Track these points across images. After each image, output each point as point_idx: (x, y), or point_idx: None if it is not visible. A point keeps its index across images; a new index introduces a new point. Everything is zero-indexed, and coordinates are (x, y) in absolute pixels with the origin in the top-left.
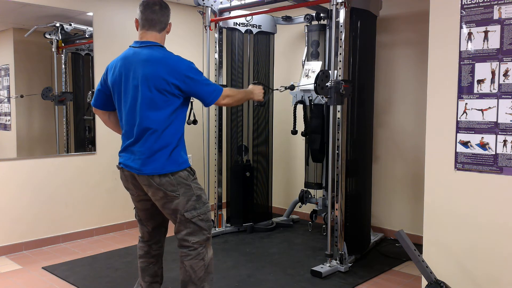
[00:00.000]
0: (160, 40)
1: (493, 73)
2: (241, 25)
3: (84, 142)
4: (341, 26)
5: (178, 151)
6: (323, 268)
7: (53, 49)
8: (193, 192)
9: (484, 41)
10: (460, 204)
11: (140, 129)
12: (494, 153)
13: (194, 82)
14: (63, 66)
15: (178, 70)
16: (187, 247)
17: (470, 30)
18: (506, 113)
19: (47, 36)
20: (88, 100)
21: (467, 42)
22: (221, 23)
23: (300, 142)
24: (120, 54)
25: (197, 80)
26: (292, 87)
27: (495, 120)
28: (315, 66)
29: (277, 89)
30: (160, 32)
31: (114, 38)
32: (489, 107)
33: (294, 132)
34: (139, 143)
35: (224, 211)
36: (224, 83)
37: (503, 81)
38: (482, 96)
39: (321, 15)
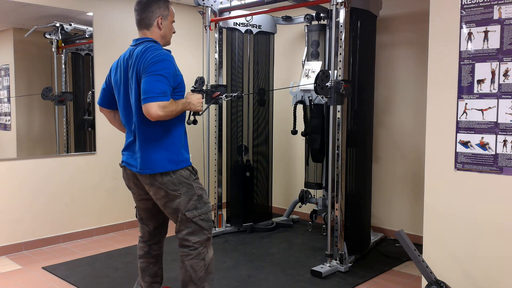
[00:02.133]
0: (155, 37)
1: (493, 73)
2: (241, 25)
3: (84, 142)
4: (341, 26)
5: (179, 149)
6: (323, 268)
7: (53, 49)
8: (195, 191)
9: (484, 41)
10: (460, 204)
11: (140, 127)
12: (494, 153)
13: (146, 73)
14: (63, 66)
15: (145, 60)
16: (187, 246)
17: (470, 30)
18: (506, 113)
19: (47, 36)
20: (88, 100)
21: (467, 42)
22: (221, 23)
23: (300, 142)
24: (121, 54)
25: (150, 72)
26: (239, 96)
27: (495, 120)
28: (315, 66)
29: (220, 98)
30: (148, 29)
31: (114, 38)
32: (489, 107)
33: (294, 132)
34: (139, 141)
35: (224, 211)
36: (224, 83)
37: (503, 81)
38: (482, 96)
39: (321, 15)
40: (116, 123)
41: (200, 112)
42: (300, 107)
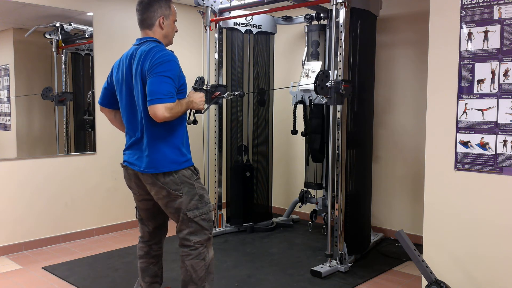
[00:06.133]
0: (158, 37)
1: (493, 73)
2: (241, 25)
3: (84, 142)
4: (341, 26)
5: (182, 149)
6: (323, 268)
7: (53, 49)
8: (196, 191)
9: (484, 41)
10: (460, 204)
11: (148, 126)
12: (494, 153)
13: (152, 73)
14: (63, 66)
15: (150, 60)
16: (188, 246)
17: (470, 30)
18: (506, 113)
19: (47, 36)
20: (88, 100)
21: (467, 42)
22: (221, 23)
23: (300, 142)
24: (124, 53)
25: (156, 73)
26: (242, 94)
27: (495, 120)
28: (315, 66)
29: (223, 97)
30: (150, 29)
31: (114, 38)
32: (489, 107)
33: (294, 132)
34: (147, 140)
35: (224, 211)
36: (224, 83)
37: (503, 81)
38: (482, 96)
39: (321, 15)
40: (116, 123)
41: (202, 111)
42: (300, 107)
